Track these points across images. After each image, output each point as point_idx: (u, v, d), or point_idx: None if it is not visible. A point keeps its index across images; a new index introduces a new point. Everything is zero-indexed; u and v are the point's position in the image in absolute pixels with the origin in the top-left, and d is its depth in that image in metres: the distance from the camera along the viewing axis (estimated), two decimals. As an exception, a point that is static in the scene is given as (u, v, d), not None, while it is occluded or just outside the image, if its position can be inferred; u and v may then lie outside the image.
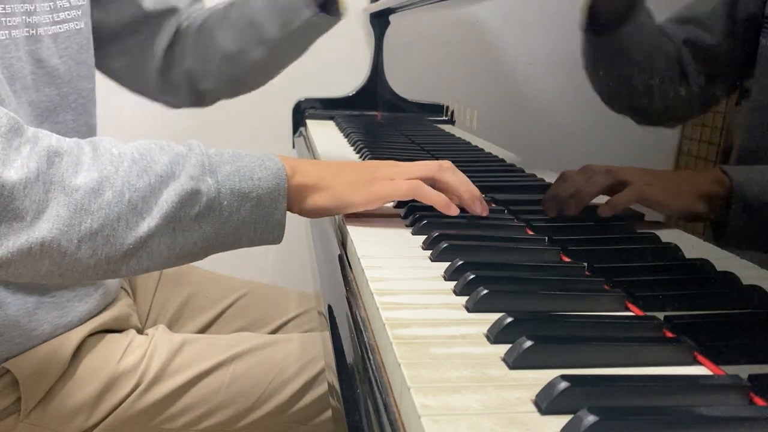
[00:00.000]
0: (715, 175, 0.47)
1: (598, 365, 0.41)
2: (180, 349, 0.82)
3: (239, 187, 0.60)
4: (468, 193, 0.67)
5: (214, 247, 0.62)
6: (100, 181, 0.56)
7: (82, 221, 0.55)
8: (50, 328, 0.76)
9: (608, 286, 0.54)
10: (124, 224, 0.57)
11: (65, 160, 0.56)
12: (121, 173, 0.57)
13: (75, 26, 0.82)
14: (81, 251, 0.56)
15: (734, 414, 0.36)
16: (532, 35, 0.86)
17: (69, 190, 0.55)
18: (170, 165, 0.59)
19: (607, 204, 0.60)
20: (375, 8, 1.57)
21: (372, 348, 0.46)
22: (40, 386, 0.75)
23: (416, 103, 1.41)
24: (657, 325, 0.47)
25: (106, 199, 0.56)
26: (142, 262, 0.59)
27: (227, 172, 0.61)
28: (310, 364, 0.84)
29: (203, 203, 0.59)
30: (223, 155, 0.62)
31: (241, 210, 0.61)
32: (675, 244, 0.53)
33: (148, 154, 0.59)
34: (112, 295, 0.86)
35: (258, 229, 0.62)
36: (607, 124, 0.66)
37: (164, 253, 0.59)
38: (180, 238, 0.59)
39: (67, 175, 0.55)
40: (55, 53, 0.79)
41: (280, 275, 1.80)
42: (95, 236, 0.56)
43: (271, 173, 0.62)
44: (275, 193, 0.62)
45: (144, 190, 0.57)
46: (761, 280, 0.43)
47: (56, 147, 0.56)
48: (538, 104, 0.83)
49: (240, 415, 0.81)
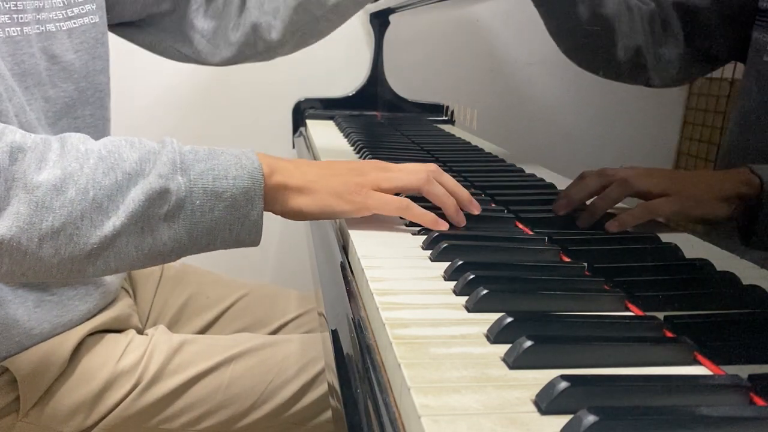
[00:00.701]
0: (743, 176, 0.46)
1: (598, 365, 0.41)
2: (179, 349, 0.82)
3: (212, 186, 0.58)
4: (452, 205, 0.66)
5: (186, 248, 0.60)
6: (64, 178, 0.55)
7: (44, 219, 0.54)
8: (50, 327, 0.76)
9: (608, 286, 0.53)
10: (89, 223, 0.55)
11: (28, 156, 0.55)
12: (86, 170, 0.56)
13: (90, 20, 0.82)
14: (43, 250, 0.54)
15: (734, 414, 0.36)
16: (532, 35, 0.86)
17: (30, 187, 0.54)
18: (139, 162, 0.57)
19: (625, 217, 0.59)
20: (375, 8, 1.57)
21: (372, 348, 0.46)
22: (38, 385, 0.75)
23: (416, 103, 1.41)
24: (657, 325, 0.47)
25: (69, 197, 0.54)
26: (110, 262, 0.57)
27: (200, 170, 0.59)
28: (309, 365, 0.84)
29: (173, 202, 0.57)
30: (198, 153, 0.60)
31: (215, 210, 0.59)
32: (675, 244, 0.53)
33: (116, 152, 0.58)
34: (112, 295, 0.86)
35: (233, 230, 0.60)
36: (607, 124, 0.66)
37: (132, 253, 0.58)
38: (149, 238, 0.58)
39: (30, 172, 0.54)
40: (70, 48, 0.78)
41: (280, 276, 1.80)
42: (57, 235, 0.54)
43: (246, 172, 0.60)
44: (251, 192, 0.60)
45: (110, 188, 0.56)
46: (761, 280, 0.43)
47: (20, 143, 0.55)
48: (537, 104, 0.83)
49: (239, 416, 0.81)
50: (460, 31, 1.13)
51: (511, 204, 0.75)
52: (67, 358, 0.76)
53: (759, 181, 0.45)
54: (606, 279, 0.54)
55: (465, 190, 0.68)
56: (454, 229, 0.66)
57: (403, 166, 0.68)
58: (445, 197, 0.66)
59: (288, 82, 1.69)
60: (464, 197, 0.68)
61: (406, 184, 0.66)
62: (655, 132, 0.58)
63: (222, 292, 1.02)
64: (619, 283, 0.53)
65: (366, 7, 1.64)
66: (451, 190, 0.67)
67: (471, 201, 0.68)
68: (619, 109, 0.65)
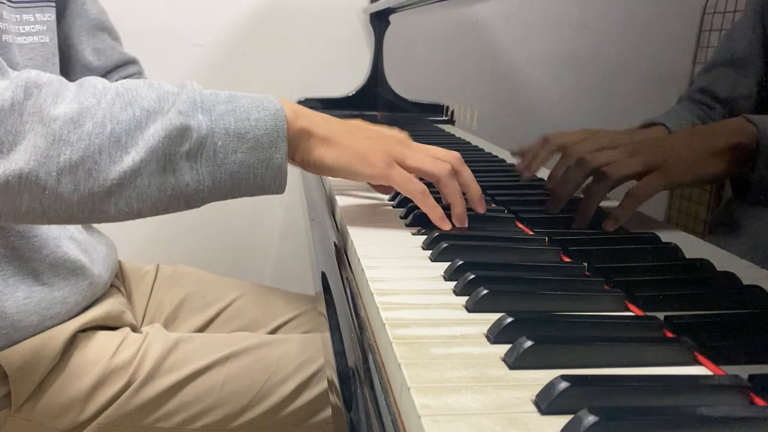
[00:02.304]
0: (739, 124, 0.45)
1: (598, 365, 0.41)
2: (174, 347, 0.81)
3: (235, 127, 0.58)
4: (460, 206, 0.66)
5: (211, 192, 0.59)
6: (80, 111, 0.54)
7: (61, 152, 0.53)
8: (38, 320, 0.76)
9: (608, 286, 0.53)
10: (107, 157, 0.54)
11: (44, 91, 0.54)
12: (104, 105, 0.55)
13: (39, 39, 0.83)
14: (61, 185, 0.54)
15: (734, 414, 0.36)
16: (532, 35, 0.86)
17: (47, 121, 0.53)
18: (158, 100, 0.57)
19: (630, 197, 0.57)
20: (375, 8, 1.57)
21: (372, 348, 0.46)
22: (30, 380, 0.75)
23: (416, 103, 1.41)
24: (657, 325, 0.47)
25: (86, 130, 0.54)
26: (132, 202, 0.56)
27: (221, 111, 0.58)
28: (306, 364, 0.83)
29: (194, 140, 0.56)
30: (219, 95, 0.60)
31: (238, 152, 0.58)
32: (675, 244, 0.53)
33: (134, 89, 0.57)
34: (100, 288, 0.85)
35: (258, 174, 0.59)
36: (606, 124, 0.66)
37: (155, 194, 0.56)
38: (171, 177, 0.56)
39: (45, 106, 0.54)
40: (19, 62, 0.79)
41: (280, 276, 1.80)
42: (76, 169, 0.54)
43: (269, 114, 0.59)
44: (274, 134, 0.59)
45: (128, 122, 0.55)
46: (761, 280, 0.43)
47: (35, 79, 0.54)
48: (537, 104, 0.83)
49: (235, 415, 0.80)
50: (460, 31, 1.13)
51: (511, 204, 0.75)
52: (58, 353, 0.76)
53: (755, 128, 0.44)
54: (606, 279, 0.54)
55: (479, 188, 0.68)
56: (455, 228, 0.66)
57: (429, 148, 0.67)
58: (458, 197, 0.66)
59: (288, 82, 1.69)
60: (476, 194, 0.68)
61: (429, 169, 0.65)
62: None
63: (218, 292, 1.02)
64: (619, 283, 0.53)
65: (366, 7, 1.65)
66: (466, 183, 0.67)
67: (480, 200, 0.68)
68: (619, 110, 0.65)
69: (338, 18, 1.70)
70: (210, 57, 1.68)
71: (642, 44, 0.61)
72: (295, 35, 1.69)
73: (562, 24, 0.78)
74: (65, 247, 0.80)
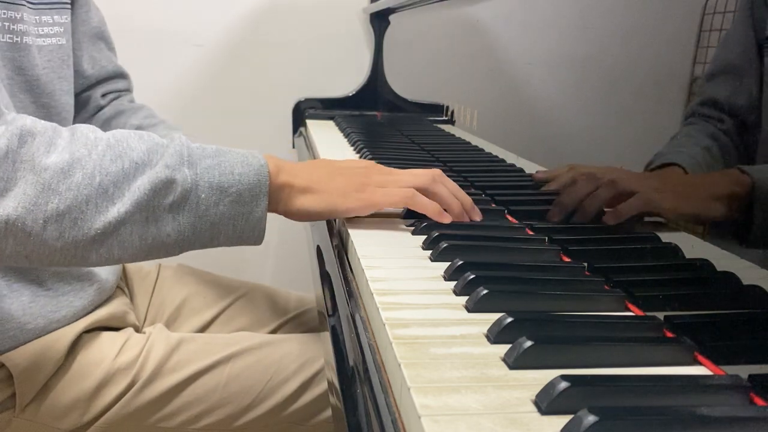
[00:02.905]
0: (734, 176, 0.46)
1: (598, 365, 0.41)
2: (177, 347, 0.82)
3: (218, 181, 0.59)
4: (457, 206, 0.67)
5: (189, 242, 0.60)
6: (71, 162, 0.55)
7: (49, 201, 0.54)
8: (44, 322, 0.76)
9: (608, 286, 0.53)
10: (93, 208, 0.56)
11: (38, 140, 0.55)
12: (94, 156, 0.56)
13: (57, 41, 0.84)
14: (47, 232, 0.55)
15: (734, 414, 0.36)
16: (532, 35, 0.86)
17: (38, 170, 0.54)
18: (147, 153, 0.58)
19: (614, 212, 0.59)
20: (375, 8, 1.57)
21: (372, 348, 0.46)
22: (35, 381, 0.75)
23: (416, 103, 1.41)
24: (657, 325, 0.47)
25: (76, 181, 0.55)
26: (113, 250, 0.57)
27: (207, 165, 0.59)
28: (307, 364, 0.84)
29: (178, 193, 0.58)
30: (206, 149, 0.61)
31: (220, 205, 0.59)
32: (675, 244, 0.53)
33: (125, 141, 0.58)
34: (107, 292, 0.86)
35: (237, 226, 0.61)
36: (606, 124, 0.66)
37: (136, 243, 0.58)
38: (153, 228, 0.58)
39: (38, 155, 0.55)
40: (38, 64, 0.80)
41: (280, 276, 1.80)
42: (62, 218, 0.55)
43: (252, 169, 0.61)
44: (256, 189, 0.61)
45: (116, 174, 0.56)
46: (761, 280, 0.43)
47: (30, 127, 0.56)
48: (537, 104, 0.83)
49: (237, 414, 0.81)
50: (461, 31, 1.13)
51: (512, 204, 0.75)
52: (63, 354, 0.76)
53: (749, 179, 0.44)
54: (606, 279, 0.54)
55: (468, 197, 0.68)
56: (454, 229, 0.66)
57: (407, 171, 0.69)
58: (450, 198, 0.67)
59: (288, 82, 1.69)
60: (467, 203, 0.68)
61: (409, 183, 0.66)
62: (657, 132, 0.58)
63: (220, 292, 1.02)
64: (619, 283, 0.53)
65: (366, 7, 1.65)
66: (454, 192, 0.68)
67: (473, 207, 0.68)
68: (619, 110, 0.65)
69: (338, 18, 1.70)
70: (210, 57, 1.68)
71: (642, 44, 0.61)
72: (295, 35, 1.69)
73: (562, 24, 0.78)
74: None
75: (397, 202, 0.66)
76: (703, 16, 0.51)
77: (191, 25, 1.65)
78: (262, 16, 1.68)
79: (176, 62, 1.66)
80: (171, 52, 1.64)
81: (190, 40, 1.65)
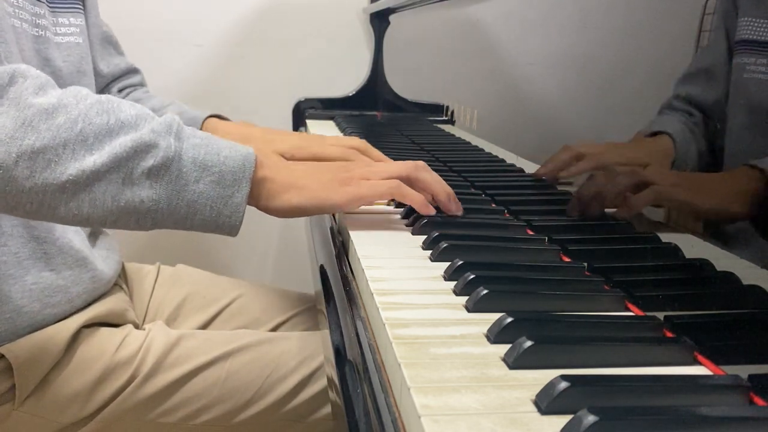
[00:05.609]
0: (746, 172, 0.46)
1: (598, 365, 0.41)
2: (177, 343, 0.82)
3: (203, 158, 0.59)
4: (443, 192, 0.67)
5: (163, 216, 0.59)
6: (57, 105, 0.55)
7: (26, 137, 0.54)
8: (39, 307, 0.76)
9: (608, 286, 0.53)
10: (70, 153, 0.55)
11: (29, 81, 0.56)
12: (81, 106, 0.56)
13: (74, 40, 0.86)
14: (18, 169, 0.54)
15: (734, 414, 0.36)
16: (532, 36, 0.86)
17: (22, 106, 0.54)
18: (136, 117, 0.58)
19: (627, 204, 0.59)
20: (375, 8, 1.57)
21: (372, 348, 0.46)
22: (34, 373, 0.75)
23: (416, 103, 1.41)
24: (657, 325, 0.47)
25: (57, 123, 0.55)
26: (83, 206, 0.56)
27: (194, 143, 0.59)
28: (307, 360, 0.84)
29: (159, 158, 0.57)
30: (197, 132, 0.61)
31: (200, 182, 0.58)
32: (675, 244, 0.53)
33: (116, 102, 0.59)
34: (102, 285, 0.86)
35: (214, 209, 0.59)
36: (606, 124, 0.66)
37: (108, 203, 0.57)
38: (128, 191, 0.57)
39: (26, 94, 0.55)
40: (59, 57, 0.82)
41: (280, 276, 1.80)
42: (36, 156, 0.54)
43: (239, 155, 0.60)
44: (239, 173, 0.60)
45: (100, 126, 0.56)
46: (761, 280, 0.43)
47: (24, 70, 0.56)
48: (537, 104, 0.83)
49: (236, 411, 0.81)
50: (461, 31, 1.13)
51: (512, 204, 0.75)
52: (63, 348, 0.77)
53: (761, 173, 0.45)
54: (606, 279, 0.54)
55: (449, 188, 0.68)
56: (454, 228, 0.66)
57: (390, 162, 0.69)
58: (436, 184, 0.67)
59: (288, 82, 1.69)
60: (450, 192, 0.68)
61: (393, 173, 0.66)
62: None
63: (219, 291, 1.03)
64: (619, 283, 0.53)
65: (366, 7, 1.65)
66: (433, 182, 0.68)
67: (455, 199, 0.68)
68: (619, 109, 0.65)
69: (338, 18, 1.70)
70: (210, 57, 1.68)
71: (642, 44, 0.61)
72: (295, 35, 1.69)
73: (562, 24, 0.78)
74: (70, 234, 0.81)
75: (383, 193, 0.65)
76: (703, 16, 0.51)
77: (191, 25, 1.65)
78: (262, 16, 1.68)
79: (176, 62, 1.66)
80: (171, 52, 1.64)
81: (190, 40, 1.65)
